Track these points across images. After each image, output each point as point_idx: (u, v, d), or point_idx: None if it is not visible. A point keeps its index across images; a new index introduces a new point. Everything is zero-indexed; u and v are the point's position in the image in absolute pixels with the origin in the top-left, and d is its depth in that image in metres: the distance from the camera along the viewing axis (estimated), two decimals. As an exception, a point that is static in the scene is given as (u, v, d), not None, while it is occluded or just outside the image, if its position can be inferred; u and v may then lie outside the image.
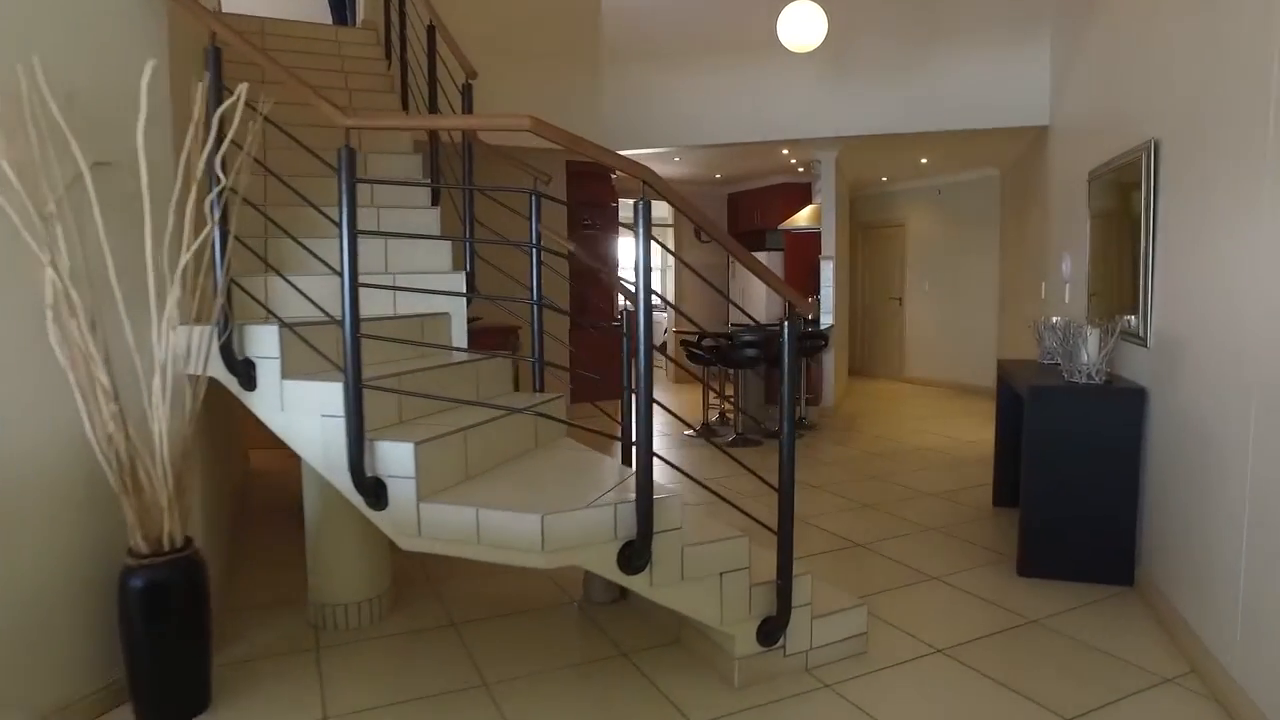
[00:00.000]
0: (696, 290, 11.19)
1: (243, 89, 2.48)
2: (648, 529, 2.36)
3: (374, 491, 2.43)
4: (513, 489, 2.55)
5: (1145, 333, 3.34)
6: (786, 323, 2.53)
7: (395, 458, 2.42)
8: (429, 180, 4.35)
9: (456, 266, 3.98)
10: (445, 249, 3.87)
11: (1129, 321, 3.53)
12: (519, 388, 3.88)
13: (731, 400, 7.53)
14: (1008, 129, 6.09)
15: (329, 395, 2.48)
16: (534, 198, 3.62)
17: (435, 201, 4.40)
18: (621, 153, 8.22)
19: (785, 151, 7.98)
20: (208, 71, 2.58)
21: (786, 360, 2.54)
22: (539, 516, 2.27)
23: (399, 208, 4.09)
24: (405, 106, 4.91)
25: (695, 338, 7.04)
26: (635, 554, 2.37)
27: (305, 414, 2.55)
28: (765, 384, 7.25)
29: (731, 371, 6.75)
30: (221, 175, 2.50)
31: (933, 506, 4.70)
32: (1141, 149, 3.37)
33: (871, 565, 3.76)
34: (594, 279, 8.35)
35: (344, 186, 2.29)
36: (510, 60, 6.75)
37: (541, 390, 3.59)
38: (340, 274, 2.35)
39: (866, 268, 10.93)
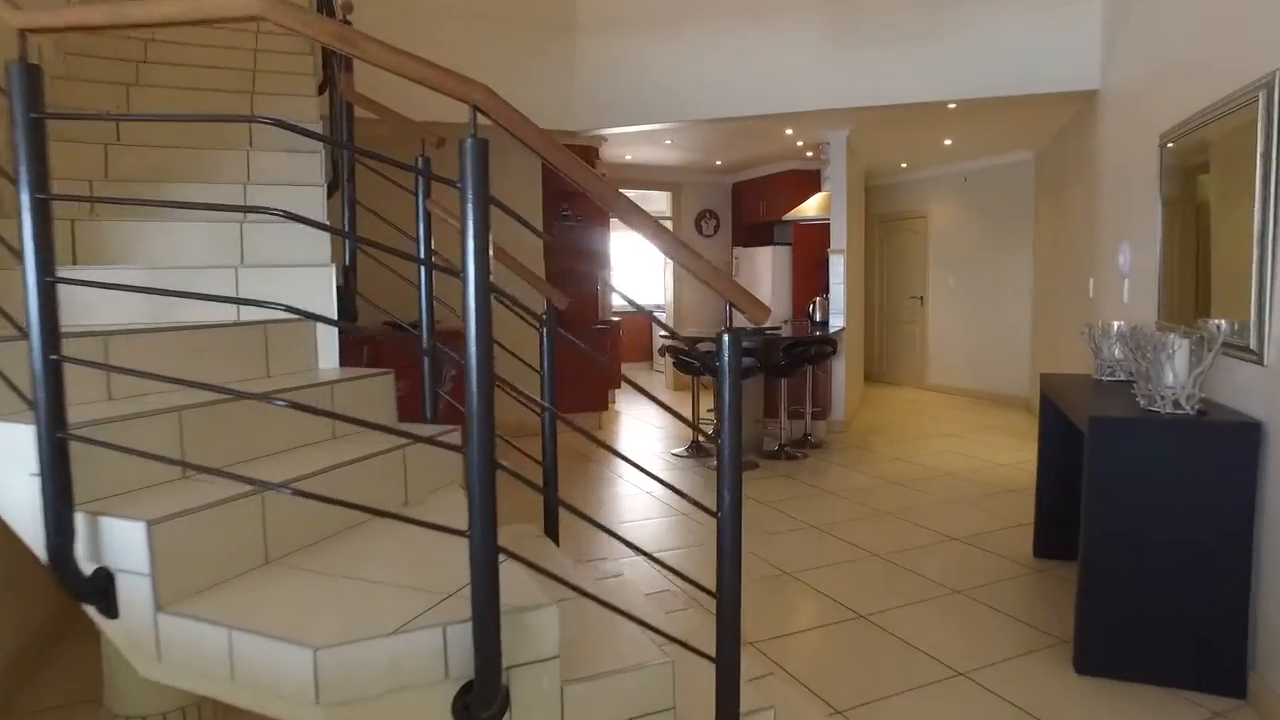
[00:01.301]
0: (701, 289, 10.27)
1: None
2: (492, 662, 1.47)
3: (98, 591, 1.58)
4: (304, 593, 1.67)
5: (1260, 345, 2.40)
6: (726, 335, 1.64)
7: (123, 542, 1.57)
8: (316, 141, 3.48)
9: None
10: (325, 241, 3.01)
11: (1222, 327, 2.58)
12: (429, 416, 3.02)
13: (715, 412, 6.63)
14: (1048, 96, 5.12)
15: (26, 444, 1.63)
16: (421, 171, 2.75)
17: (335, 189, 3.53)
18: (600, 132, 7.37)
19: (789, 132, 7.05)
20: None
21: (726, 391, 1.65)
22: (310, 652, 1.40)
23: (280, 185, 3.24)
24: (327, 71, 4.07)
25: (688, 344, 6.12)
26: (477, 702, 1.48)
27: (11, 470, 1.71)
28: (765, 397, 6.33)
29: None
30: None
31: (960, 556, 3.77)
32: (1258, 86, 2.43)
33: (876, 649, 2.84)
34: (574, 278, 7.48)
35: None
36: (471, 27, 5.89)
37: (433, 419, 2.72)
38: (21, 258, 1.50)
39: (884, 263, 9.95)
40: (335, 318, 2.78)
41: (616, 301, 12.76)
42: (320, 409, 1.75)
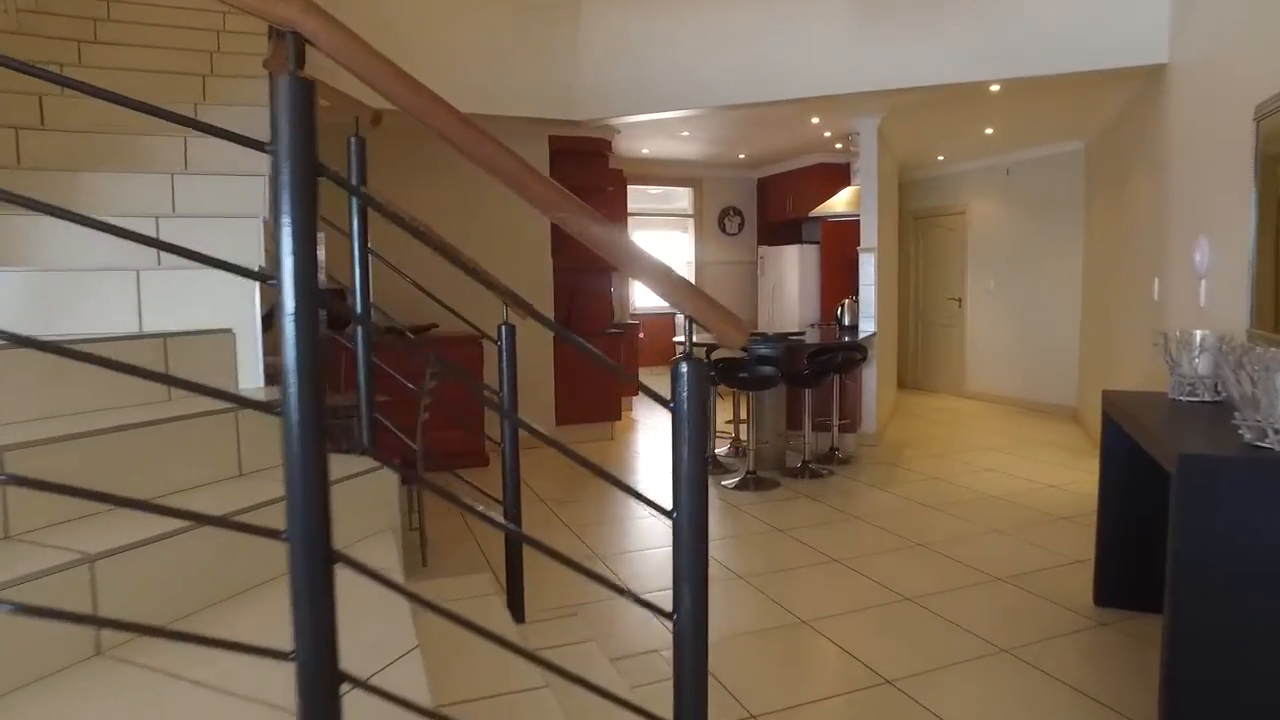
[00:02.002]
0: (722, 292, 9.77)
1: None
2: None
3: None
4: (118, 706, 1.23)
5: None
6: (684, 364, 1.16)
7: None
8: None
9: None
10: (255, 240, 2.58)
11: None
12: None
13: (735, 424, 6.13)
14: (1105, 73, 4.55)
15: None
16: (354, 147, 2.31)
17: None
18: (611, 122, 6.91)
19: (816, 121, 6.53)
20: None
21: (685, 446, 1.18)
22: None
23: (219, 175, 2.83)
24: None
25: (704, 350, 5.64)
26: None
27: None
28: (787, 408, 5.82)
29: (749, 393, 5.35)
30: None
31: (1006, 602, 3.24)
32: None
33: (908, 732, 2.34)
34: (587, 278, 7.03)
35: None
36: (462, 5, 5.47)
37: (367, 452, 2.28)
38: None
39: (920, 263, 9.36)
40: (260, 331, 2.34)
41: (643, 303, 12.34)
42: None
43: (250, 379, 2.32)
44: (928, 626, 3.02)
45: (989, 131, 6.94)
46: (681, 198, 10.03)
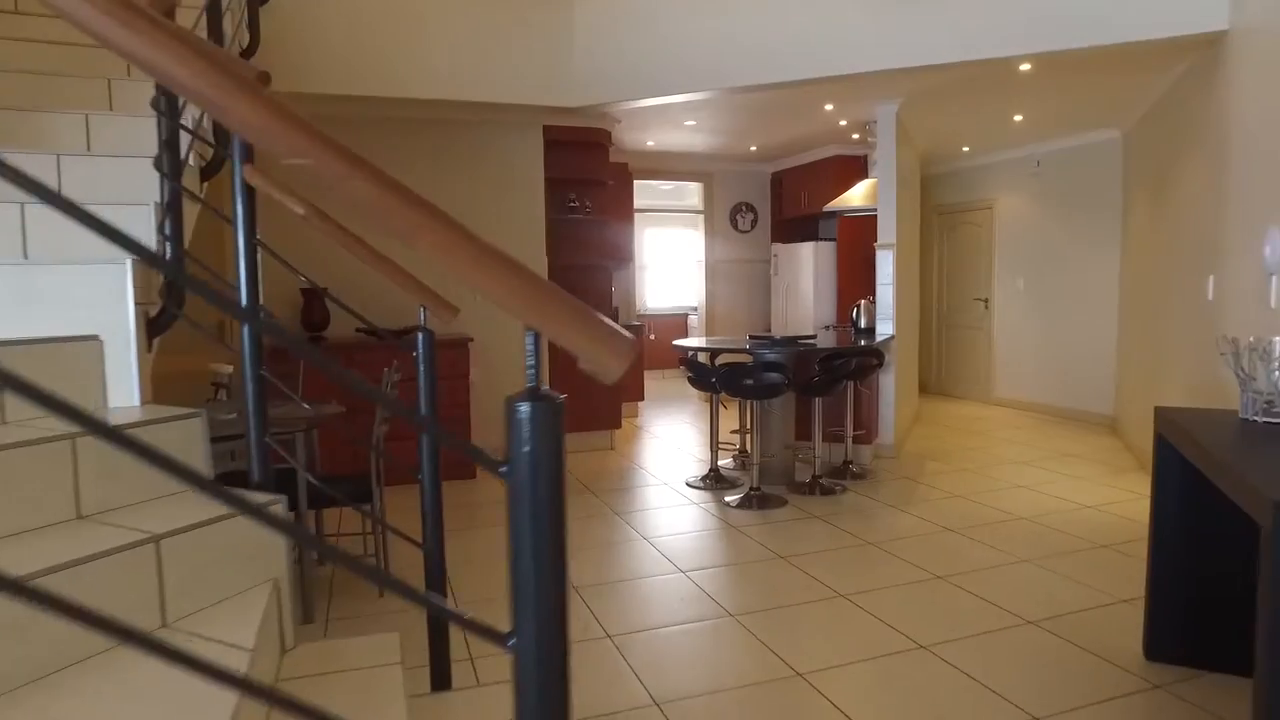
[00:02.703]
0: (734, 292, 9.32)
1: None
2: None
3: None
4: None
5: None
6: (528, 402, 0.72)
7: None
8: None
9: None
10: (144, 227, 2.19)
11: None
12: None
13: (741, 434, 5.69)
14: (1153, 44, 4.05)
15: None
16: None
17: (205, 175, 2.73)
18: (610, 110, 6.38)
19: (830, 108, 6.06)
20: None
21: (525, 496, 0.73)
22: None
23: (119, 158, 2.45)
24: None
25: (702, 355, 5.21)
26: None
27: None
28: (796, 417, 5.37)
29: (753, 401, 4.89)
30: None
31: (1039, 652, 2.77)
32: None
33: (920, 832, 1.89)
34: (585, 276, 6.62)
35: None
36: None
37: (259, 485, 1.88)
38: None
39: (944, 261, 8.84)
40: (136, 338, 1.95)
41: (655, 303, 11.92)
42: None
43: (123, 396, 1.93)
44: (945, 684, 2.57)
45: (1018, 119, 6.43)
46: (693, 193, 9.60)
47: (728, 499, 4.82)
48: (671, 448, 6.46)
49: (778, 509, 4.62)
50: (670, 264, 12.04)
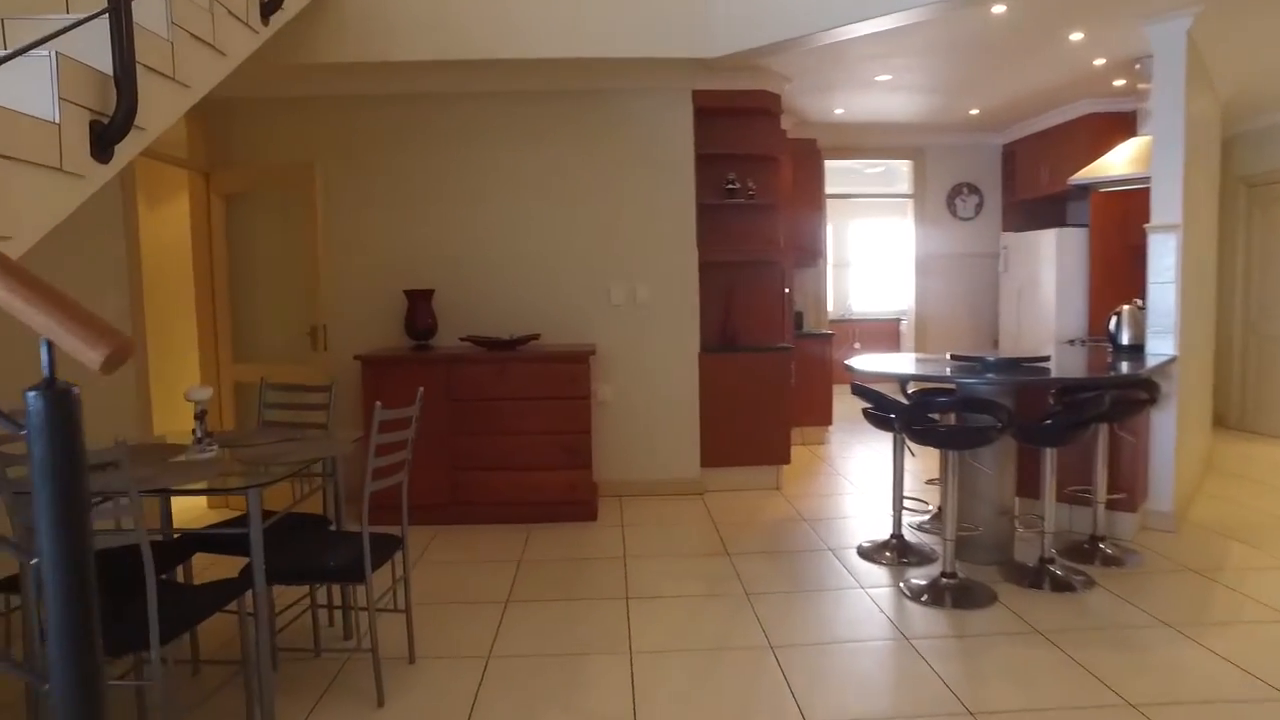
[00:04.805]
0: (951, 293, 7.63)
1: None
2: None
3: None
4: None
5: None
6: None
7: None
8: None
9: None
10: None
11: None
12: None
13: (942, 487, 4.23)
14: None
15: None
16: None
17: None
18: (765, 62, 4.79)
19: (1078, 37, 4.38)
20: None
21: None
22: None
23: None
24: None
25: (880, 378, 3.85)
26: None
27: None
28: (1018, 467, 3.82)
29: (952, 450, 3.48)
30: None
31: None
32: None
33: None
34: (748, 273, 5.45)
35: None
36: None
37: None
38: None
39: (1256, 251, 6.54)
40: None
41: (862, 307, 10.36)
42: None
43: None
44: None
45: (1393, 35, 4.31)
46: (900, 177, 8.03)
47: (910, 581, 3.45)
48: (855, 491, 5.10)
49: (981, 610, 3.17)
50: (877, 260, 10.43)
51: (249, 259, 4.80)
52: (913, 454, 3.87)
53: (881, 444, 6.28)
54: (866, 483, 5.31)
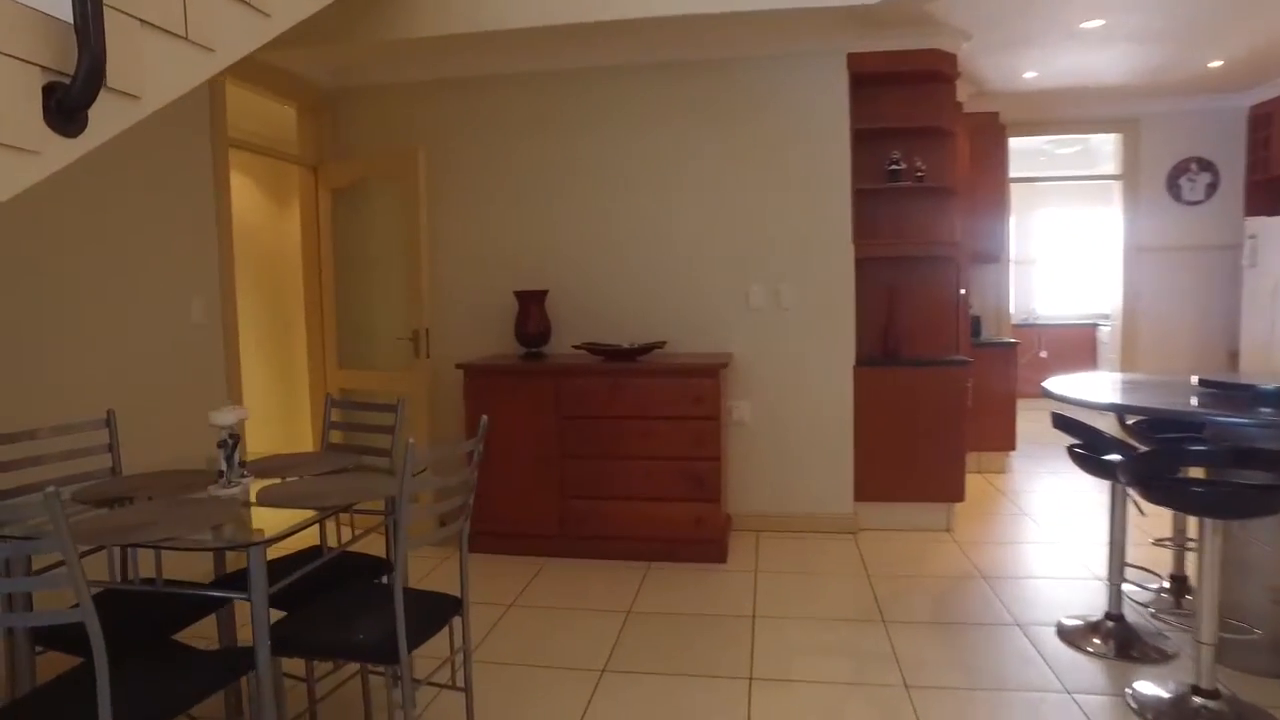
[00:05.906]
0: (1173, 294, 6.28)
1: None
2: None
3: None
4: None
5: None
6: None
7: None
8: None
9: None
10: None
11: None
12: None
13: (1172, 547, 3.21)
14: None
15: None
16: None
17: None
18: (942, 12, 3.83)
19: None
20: None
21: None
22: None
23: None
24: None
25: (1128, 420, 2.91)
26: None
27: None
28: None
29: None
30: None
31: None
32: None
33: None
34: (915, 272, 4.57)
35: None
36: None
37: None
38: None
39: None
40: None
41: (1048, 310, 8.96)
42: None
43: None
44: None
45: None
46: (1106, 156, 6.72)
47: (1139, 692, 2.51)
48: (1047, 540, 4.11)
49: (1257, 752, 2.20)
50: (1069, 256, 9.00)
51: (354, 257, 4.51)
52: (1142, 513, 2.89)
53: (1080, 476, 5.13)
54: (1061, 527, 4.28)
